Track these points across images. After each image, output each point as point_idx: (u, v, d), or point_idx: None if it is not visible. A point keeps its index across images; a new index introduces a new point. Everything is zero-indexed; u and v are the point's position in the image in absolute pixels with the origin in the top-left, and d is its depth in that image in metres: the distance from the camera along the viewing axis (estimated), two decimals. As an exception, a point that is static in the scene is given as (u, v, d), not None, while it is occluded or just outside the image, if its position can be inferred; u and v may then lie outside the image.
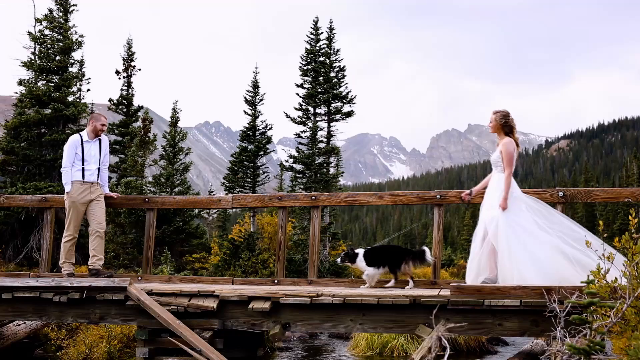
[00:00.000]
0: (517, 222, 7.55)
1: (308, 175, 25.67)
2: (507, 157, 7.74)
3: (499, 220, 7.56)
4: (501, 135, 7.93)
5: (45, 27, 21.95)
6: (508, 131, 7.90)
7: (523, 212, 7.65)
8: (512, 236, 7.46)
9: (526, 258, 7.32)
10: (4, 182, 21.34)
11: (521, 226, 7.54)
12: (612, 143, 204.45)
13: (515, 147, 7.84)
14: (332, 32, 27.91)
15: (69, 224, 9.15)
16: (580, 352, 4.67)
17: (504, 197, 7.60)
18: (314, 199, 9.22)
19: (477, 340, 12.59)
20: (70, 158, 9.15)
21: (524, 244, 7.40)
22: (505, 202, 7.58)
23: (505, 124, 7.88)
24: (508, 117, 7.90)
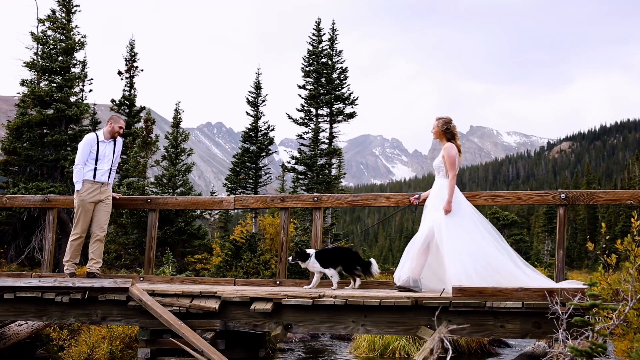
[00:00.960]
0: (459, 224, 7.76)
1: (310, 176, 25.67)
2: (450, 160, 7.99)
3: (441, 223, 7.76)
4: (443, 141, 8.20)
5: (47, 27, 21.98)
6: (450, 137, 8.15)
7: (466, 216, 7.88)
8: (452, 239, 7.65)
9: (463, 260, 7.51)
10: (6, 182, 21.37)
11: (463, 229, 7.74)
12: (614, 145, 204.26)
13: (457, 152, 8.08)
14: (334, 33, 27.91)
15: (77, 223, 9.15)
16: (582, 355, 4.67)
17: (448, 200, 7.82)
18: (316, 200, 9.21)
19: (478, 342, 12.59)
20: (84, 156, 9.14)
21: (464, 247, 7.59)
22: (449, 205, 7.80)
23: (447, 130, 8.14)
24: (450, 123, 8.17)
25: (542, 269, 33.90)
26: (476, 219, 7.97)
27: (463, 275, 7.43)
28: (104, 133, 9.33)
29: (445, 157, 8.05)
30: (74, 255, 9.24)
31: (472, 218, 7.94)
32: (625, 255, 5.85)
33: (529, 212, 78.82)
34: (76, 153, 9.30)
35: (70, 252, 9.21)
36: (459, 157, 8.12)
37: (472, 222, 7.90)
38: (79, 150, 9.21)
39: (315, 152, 25.77)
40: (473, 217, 7.97)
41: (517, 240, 39.81)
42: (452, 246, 7.63)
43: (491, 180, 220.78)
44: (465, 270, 7.48)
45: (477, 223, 7.93)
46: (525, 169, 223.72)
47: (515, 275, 7.56)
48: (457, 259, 7.55)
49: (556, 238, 8.47)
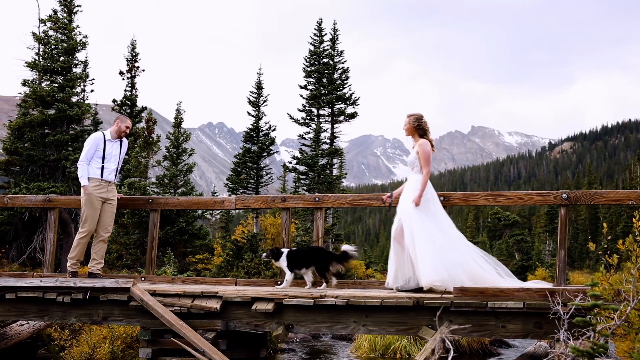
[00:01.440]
0: (428, 220, 7.85)
1: (311, 176, 25.69)
2: (424, 156, 8.07)
3: (411, 217, 7.85)
4: (416, 137, 8.27)
5: (49, 27, 21.99)
6: (422, 133, 8.23)
7: (437, 212, 7.98)
8: (422, 233, 7.74)
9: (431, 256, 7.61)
10: (7, 182, 21.38)
11: (432, 224, 7.84)
12: (616, 145, 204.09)
13: (431, 148, 8.17)
14: (335, 33, 27.92)
15: (86, 220, 9.11)
16: (583, 355, 4.67)
17: (419, 194, 7.90)
18: (318, 200, 9.21)
19: (480, 342, 12.59)
20: (89, 154, 9.13)
21: (433, 242, 7.69)
22: (419, 199, 7.88)
23: (418, 127, 8.22)
24: (421, 120, 8.23)
25: (544, 269, 33.93)
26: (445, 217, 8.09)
27: (430, 268, 7.56)
28: (111, 132, 9.34)
29: (420, 153, 8.12)
30: (79, 254, 9.21)
31: (441, 215, 8.05)
32: (626, 255, 5.85)
33: (531, 213, 78.80)
34: (78, 153, 9.32)
35: (77, 249, 9.16)
36: (432, 152, 8.21)
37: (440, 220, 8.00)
38: (85, 146, 9.21)
39: (317, 152, 25.79)
40: (443, 215, 8.08)
41: (518, 241, 39.79)
42: (422, 239, 7.72)
43: (492, 181, 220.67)
44: (433, 263, 7.58)
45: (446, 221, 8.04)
46: (527, 169, 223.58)
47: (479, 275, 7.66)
48: (427, 252, 7.65)
49: (557, 238, 8.45)
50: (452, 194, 8.93)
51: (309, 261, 8.68)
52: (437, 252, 7.64)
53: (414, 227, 7.79)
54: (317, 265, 8.62)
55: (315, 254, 8.83)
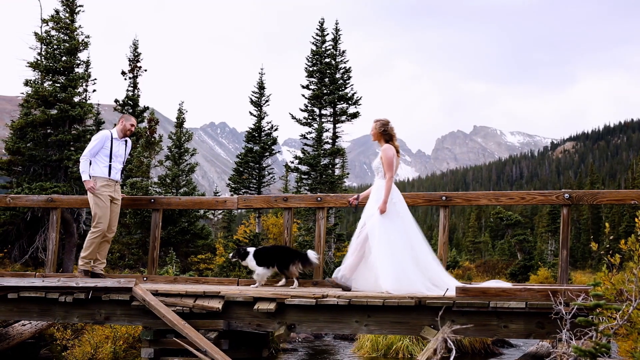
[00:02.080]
0: (392, 227, 7.95)
1: (313, 176, 25.69)
2: (387, 162, 8.14)
3: (375, 223, 7.97)
4: (381, 142, 8.36)
5: (51, 27, 22.00)
6: (388, 138, 8.32)
7: (399, 218, 8.08)
8: (384, 240, 7.86)
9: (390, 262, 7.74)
10: (10, 182, 21.39)
11: (397, 231, 7.95)
12: (618, 145, 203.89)
13: (395, 153, 8.24)
14: (337, 33, 27.92)
15: (98, 219, 9.05)
16: (586, 355, 4.66)
17: (384, 200, 7.99)
18: (320, 200, 9.21)
19: (482, 342, 12.58)
20: (93, 150, 9.08)
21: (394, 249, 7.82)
22: (384, 205, 7.98)
23: (384, 132, 8.31)
24: (387, 125, 8.33)
25: (546, 269, 33.89)
26: (411, 221, 8.20)
27: (391, 276, 7.67)
28: (117, 132, 9.32)
29: (383, 159, 8.21)
30: (93, 253, 9.10)
31: (406, 220, 8.16)
32: (629, 255, 5.84)
33: (533, 212, 78.75)
34: (80, 153, 9.31)
35: (91, 248, 9.06)
36: (396, 158, 8.29)
37: (405, 224, 8.11)
38: (91, 143, 9.17)
39: (319, 152, 25.78)
40: (408, 219, 8.18)
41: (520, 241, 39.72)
42: (384, 247, 7.85)
43: (495, 180, 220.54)
44: (394, 270, 7.71)
45: (411, 225, 8.15)
46: (529, 169, 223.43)
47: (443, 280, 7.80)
48: (388, 259, 7.77)
49: (560, 238, 8.45)
50: (454, 194, 8.94)
51: (273, 259, 8.86)
52: (396, 258, 7.78)
53: (376, 233, 7.94)
54: (280, 263, 8.81)
55: (279, 252, 9.02)
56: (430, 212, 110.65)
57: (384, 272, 7.76)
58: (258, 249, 9.08)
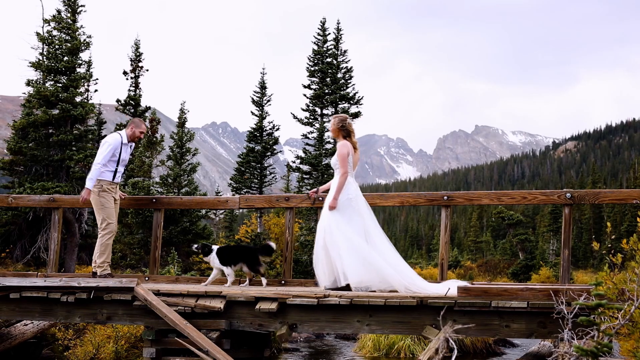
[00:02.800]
0: (347, 222, 8.04)
1: (315, 176, 25.68)
2: (341, 158, 8.23)
3: (329, 219, 8.09)
4: (340, 138, 8.47)
5: (53, 27, 22.04)
6: (346, 135, 8.42)
7: (355, 214, 8.14)
8: (340, 236, 7.96)
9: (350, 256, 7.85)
10: (11, 182, 21.44)
11: (351, 225, 8.02)
12: (620, 144, 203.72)
13: (351, 150, 8.32)
14: (339, 33, 27.91)
15: (107, 222, 8.98)
16: (587, 354, 4.66)
17: (334, 196, 8.13)
18: (321, 199, 9.21)
19: (484, 342, 12.57)
20: (107, 157, 8.99)
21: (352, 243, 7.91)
22: (334, 202, 8.11)
23: (342, 128, 8.42)
24: (345, 121, 8.44)
25: (547, 269, 33.87)
26: (371, 218, 8.23)
27: (349, 270, 7.81)
28: (126, 136, 9.23)
29: (338, 155, 8.30)
30: (109, 256, 9.06)
31: (366, 217, 8.20)
32: (630, 254, 5.84)
33: (535, 212, 78.75)
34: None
35: (107, 251, 9.00)
36: (353, 154, 8.37)
37: (365, 221, 8.16)
38: (104, 149, 9.02)
39: (320, 151, 25.78)
40: (367, 217, 8.22)
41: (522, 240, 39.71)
42: (341, 242, 7.94)
43: (496, 180, 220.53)
44: (354, 265, 7.82)
45: (371, 223, 8.19)
46: (531, 169, 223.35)
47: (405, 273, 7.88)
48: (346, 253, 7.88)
49: (561, 238, 8.45)
50: (456, 194, 8.93)
51: (238, 258, 8.96)
52: (355, 252, 7.87)
53: (334, 229, 8.04)
54: (248, 261, 8.89)
55: (244, 251, 9.17)
56: (432, 212, 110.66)
57: (345, 265, 7.88)
58: (221, 247, 9.15)
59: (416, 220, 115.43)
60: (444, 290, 7.41)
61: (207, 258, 9.13)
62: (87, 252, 22.64)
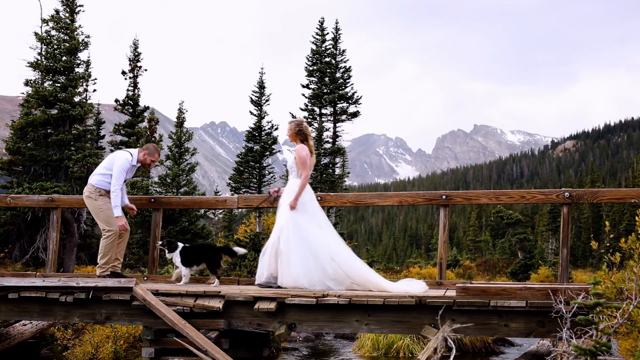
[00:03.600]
0: (303, 224, 8.20)
1: (314, 175, 25.67)
2: (301, 161, 8.39)
3: (287, 220, 8.23)
4: (297, 142, 8.58)
5: (51, 27, 22.01)
6: (303, 138, 8.55)
7: (313, 217, 8.31)
8: (296, 236, 8.13)
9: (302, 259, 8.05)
10: (10, 182, 21.41)
11: (306, 230, 8.18)
12: (619, 144, 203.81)
13: (309, 153, 8.46)
14: (337, 32, 27.92)
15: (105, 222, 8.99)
16: (586, 353, 4.66)
17: (295, 197, 8.27)
18: (320, 199, 9.20)
19: (482, 341, 12.58)
20: (121, 181, 9.00)
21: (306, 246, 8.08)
22: (295, 202, 8.26)
23: (299, 132, 8.55)
24: (301, 125, 8.59)
25: (546, 268, 33.88)
26: (324, 221, 8.41)
27: (301, 271, 7.99)
28: (136, 159, 9.21)
29: (297, 158, 8.43)
30: (111, 258, 9.05)
31: (319, 217, 8.39)
32: (629, 253, 5.84)
33: (533, 211, 78.78)
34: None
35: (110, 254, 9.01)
36: (311, 158, 8.50)
37: (318, 221, 8.35)
38: (118, 173, 8.98)
39: (319, 151, 25.78)
40: (320, 217, 8.41)
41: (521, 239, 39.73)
42: (296, 243, 8.10)
43: (495, 179, 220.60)
44: (302, 265, 8.01)
45: (325, 225, 8.37)
46: (529, 168, 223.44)
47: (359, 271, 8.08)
48: (299, 254, 8.05)
49: (560, 237, 8.46)
50: (455, 193, 8.94)
51: (200, 258, 9.04)
52: (306, 254, 8.04)
53: (290, 229, 8.18)
54: (209, 262, 8.97)
55: (206, 251, 9.22)
56: (431, 211, 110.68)
57: (294, 267, 8.04)
58: (185, 247, 9.16)
59: (415, 220, 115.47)
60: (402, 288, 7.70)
61: (169, 255, 9.12)
62: (86, 252, 22.64)
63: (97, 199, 9.04)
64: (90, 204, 9.12)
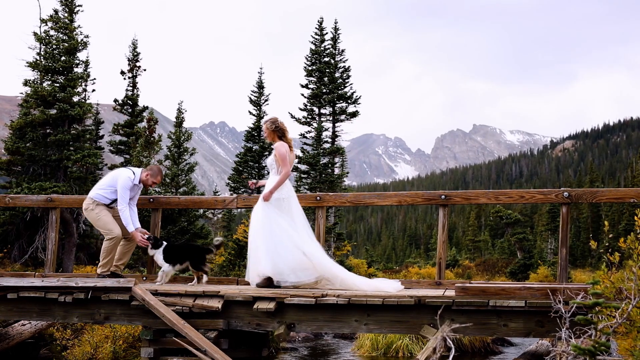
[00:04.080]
0: (277, 218, 8.25)
1: (313, 175, 25.69)
2: (281, 158, 8.40)
3: (260, 213, 8.31)
4: (275, 140, 8.61)
5: (50, 27, 22.01)
6: (280, 135, 8.58)
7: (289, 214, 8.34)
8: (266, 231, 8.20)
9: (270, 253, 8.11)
10: (9, 182, 21.40)
11: (278, 224, 8.23)
12: (618, 143, 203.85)
13: (288, 149, 8.49)
14: (336, 32, 27.92)
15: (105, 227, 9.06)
16: (585, 353, 4.66)
17: (271, 190, 8.32)
18: (319, 199, 9.21)
19: (482, 341, 12.58)
20: (126, 199, 9.05)
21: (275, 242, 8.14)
22: (269, 195, 8.31)
23: (276, 129, 8.56)
24: (277, 122, 8.59)
25: (545, 268, 33.87)
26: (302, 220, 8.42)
27: (269, 266, 8.07)
28: (139, 178, 9.26)
29: (277, 156, 8.43)
30: (111, 259, 9.15)
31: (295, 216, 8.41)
32: (628, 253, 5.84)
33: (532, 211, 78.78)
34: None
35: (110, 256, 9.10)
36: (290, 154, 8.53)
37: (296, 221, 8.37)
38: (122, 192, 9.04)
39: (318, 151, 25.78)
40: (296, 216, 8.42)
41: (520, 239, 39.76)
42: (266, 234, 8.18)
43: (494, 179, 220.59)
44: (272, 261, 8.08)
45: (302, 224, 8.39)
46: (529, 168, 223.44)
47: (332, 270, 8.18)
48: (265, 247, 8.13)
49: (559, 236, 8.45)
50: (454, 193, 8.94)
51: (182, 257, 9.03)
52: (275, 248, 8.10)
53: (261, 223, 8.26)
54: (192, 260, 8.97)
55: (190, 250, 9.21)
56: (430, 211, 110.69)
57: (264, 258, 8.11)
58: (168, 245, 9.16)
59: (414, 220, 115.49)
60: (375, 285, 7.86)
61: (151, 252, 9.13)
62: (85, 252, 22.63)
63: (94, 208, 9.13)
64: (89, 215, 9.23)
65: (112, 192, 9.15)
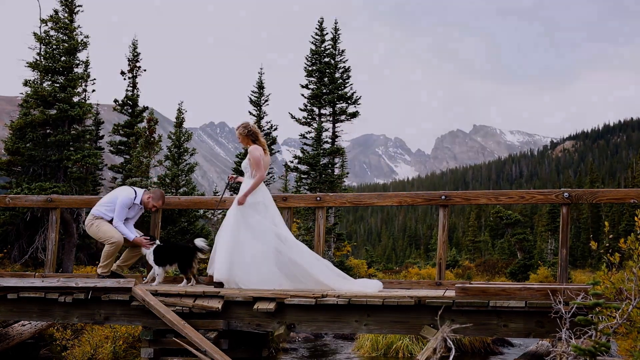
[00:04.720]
0: (247, 222, 8.34)
1: (313, 175, 25.68)
2: (255, 162, 8.48)
3: (232, 214, 8.41)
4: (249, 144, 8.67)
5: (50, 27, 21.98)
6: (254, 139, 8.64)
7: (257, 216, 8.40)
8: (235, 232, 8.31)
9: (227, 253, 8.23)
10: (9, 182, 21.38)
11: (249, 226, 8.32)
12: (618, 144, 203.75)
13: (262, 153, 8.56)
14: (337, 32, 27.91)
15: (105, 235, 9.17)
16: (585, 353, 4.66)
17: (245, 193, 8.38)
18: (319, 199, 9.21)
19: (482, 341, 12.58)
20: (123, 216, 9.22)
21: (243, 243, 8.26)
22: (243, 198, 8.38)
23: (249, 133, 8.63)
24: (248, 127, 8.66)
25: (546, 268, 33.86)
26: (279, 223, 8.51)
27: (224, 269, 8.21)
28: (141, 199, 9.36)
29: (251, 159, 8.51)
30: (111, 263, 9.27)
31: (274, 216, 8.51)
32: (628, 254, 5.84)
33: (532, 211, 78.76)
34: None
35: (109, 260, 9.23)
36: (265, 156, 8.61)
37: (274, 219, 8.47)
38: (119, 208, 9.19)
39: (318, 151, 25.77)
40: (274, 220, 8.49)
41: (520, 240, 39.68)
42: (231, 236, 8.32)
43: (494, 180, 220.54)
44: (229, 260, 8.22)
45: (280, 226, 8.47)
46: (529, 168, 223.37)
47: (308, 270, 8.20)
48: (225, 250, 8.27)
49: (559, 237, 8.46)
50: (454, 193, 8.93)
51: (172, 258, 9.04)
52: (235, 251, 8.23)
53: (230, 228, 8.37)
54: (181, 262, 8.95)
55: (179, 251, 9.15)
56: (430, 212, 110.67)
57: (221, 259, 8.24)
58: (159, 245, 9.18)
59: (414, 220, 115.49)
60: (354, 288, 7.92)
61: (144, 251, 9.21)
62: (85, 252, 22.62)
63: (94, 222, 9.23)
64: (90, 231, 9.34)
65: (113, 209, 9.23)
